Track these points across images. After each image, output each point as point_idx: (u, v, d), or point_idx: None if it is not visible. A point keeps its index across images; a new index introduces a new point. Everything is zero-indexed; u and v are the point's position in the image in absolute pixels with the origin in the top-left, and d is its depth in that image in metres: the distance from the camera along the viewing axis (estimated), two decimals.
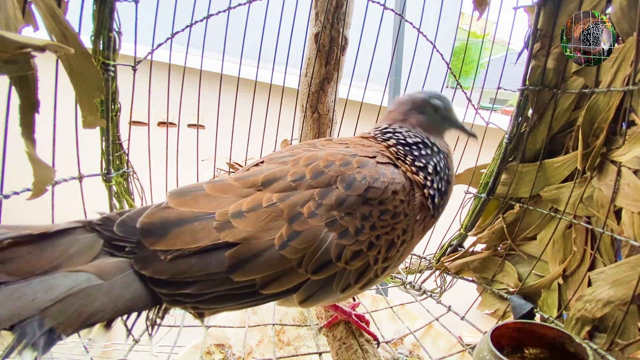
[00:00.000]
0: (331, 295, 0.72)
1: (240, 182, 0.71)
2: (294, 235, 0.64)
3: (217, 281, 0.60)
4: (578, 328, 0.98)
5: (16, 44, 0.59)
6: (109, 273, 0.56)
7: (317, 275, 0.67)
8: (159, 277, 0.58)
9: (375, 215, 0.72)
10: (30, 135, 0.78)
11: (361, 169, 0.74)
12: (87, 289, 0.53)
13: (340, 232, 0.68)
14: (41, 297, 0.50)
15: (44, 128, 0.85)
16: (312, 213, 0.67)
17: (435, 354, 1.30)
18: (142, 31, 1.21)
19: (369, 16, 1.37)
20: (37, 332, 0.48)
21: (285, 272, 0.64)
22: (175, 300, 0.59)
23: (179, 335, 1.18)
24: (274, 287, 0.64)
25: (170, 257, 0.59)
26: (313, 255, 0.66)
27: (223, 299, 0.62)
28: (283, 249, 0.63)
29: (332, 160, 0.74)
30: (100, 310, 0.53)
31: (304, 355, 1.34)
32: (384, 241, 0.74)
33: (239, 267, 0.61)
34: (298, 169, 0.72)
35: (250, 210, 0.65)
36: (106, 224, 0.60)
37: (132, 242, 0.59)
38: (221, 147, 1.50)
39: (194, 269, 0.59)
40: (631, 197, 0.91)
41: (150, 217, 0.62)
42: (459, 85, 1.46)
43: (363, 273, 0.73)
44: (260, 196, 0.67)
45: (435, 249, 1.53)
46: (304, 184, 0.70)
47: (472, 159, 1.41)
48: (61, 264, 0.54)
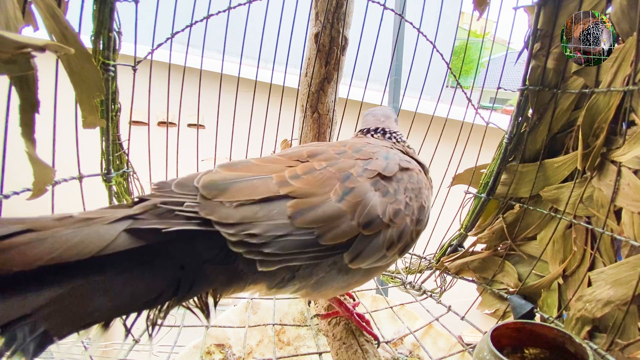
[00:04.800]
0: (377, 253, 0.76)
1: (286, 156, 0.78)
2: (347, 191, 0.71)
3: (280, 225, 0.64)
4: (578, 328, 0.98)
5: (16, 44, 0.59)
6: (111, 269, 0.52)
7: (367, 230, 0.72)
8: (226, 221, 0.60)
9: (407, 179, 0.84)
10: (30, 135, 0.78)
11: (390, 150, 0.89)
12: (84, 285, 0.49)
13: (383, 192, 0.77)
14: (33, 296, 0.45)
15: (44, 128, 0.85)
16: (359, 174, 0.76)
17: (435, 354, 1.30)
18: (142, 31, 1.21)
19: (369, 16, 1.37)
20: (28, 337, 0.44)
21: (341, 223, 0.69)
22: (242, 242, 0.61)
23: (179, 335, 1.18)
24: (331, 238, 0.68)
25: (236, 204, 0.62)
26: (363, 209, 0.72)
27: (285, 244, 0.64)
28: (339, 202, 0.70)
29: (363, 146, 0.87)
30: (97, 309, 0.50)
31: (304, 355, 1.33)
32: (415, 203, 0.84)
33: (300, 214, 0.66)
34: (337, 148, 0.83)
35: (305, 173, 0.72)
36: (162, 186, 0.64)
37: (192, 195, 0.62)
38: (221, 147, 1.50)
39: (259, 214, 0.63)
40: (631, 197, 0.91)
41: (210, 177, 0.66)
42: (459, 85, 1.46)
43: (402, 233, 0.80)
44: (310, 163, 0.75)
45: (435, 249, 1.53)
46: (347, 155, 0.80)
47: (472, 159, 1.41)
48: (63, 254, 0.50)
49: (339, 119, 1.58)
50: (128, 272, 0.54)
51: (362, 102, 1.49)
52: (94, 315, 0.50)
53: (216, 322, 1.46)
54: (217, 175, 0.67)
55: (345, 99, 1.53)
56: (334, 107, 1.52)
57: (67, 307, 0.48)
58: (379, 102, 1.61)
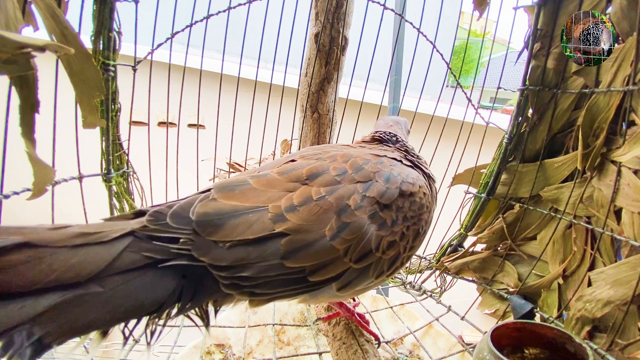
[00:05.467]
0: (366, 281, 0.76)
1: (285, 176, 0.74)
2: (343, 227, 0.69)
3: (272, 266, 0.63)
4: (578, 328, 0.98)
5: (16, 44, 0.59)
6: (111, 281, 0.53)
7: (358, 264, 0.72)
8: (219, 263, 0.60)
9: (407, 207, 0.80)
10: (30, 135, 0.78)
11: (394, 167, 0.83)
12: (83, 296, 0.50)
13: (379, 224, 0.74)
14: (31, 304, 0.46)
15: (44, 128, 0.85)
16: (357, 205, 0.72)
17: (435, 354, 1.30)
18: (142, 31, 1.21)
19: (369, 16, 1.37)
20: (25, 342, 0.44)
21: (333, 260, 0.68)
22: (233, 285, 0.61)
23: (179, 335, 1.18)
24: (321, 275, 0.68)
25: (229, 245, 0.61)
26: (357, 245, 0.70)
27: (275, 283, 0.64)
28: (333, 239, 0.68)
29: (367, 159, 0.82)
30: (96, 319, 0.50)
31: (304, 355, 1.34)
32: (412, 231, 0.81)
33: (293, 254, 0.64)
34: (338, 165, 0.78)
35: (301, 204, 0.69)
36: (157, 218, 0.61)
37: (187, 232, 0.61)
38: (221, 147, 1.50)
39: (251, 256, 0.62)
40: (631, 197, 0.91)
41: (204, 209, 0.64)
42: (459, 85, 1.46)
43: (394, 261, 0.79)
44: (308, 190, 0.71)
45: (435, 249, 1.53)
46: (347, 178, 0.75)
47: (472, 159, 1.41)
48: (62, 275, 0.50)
49: (339, 119, 1.58)
50: (128, 284, 0.54)
51: (362, 102, 1.49)
52: (92, 324, 0.50)
53: (216, 322, 1.45)
54: (212, 206, 0.65)
55: (345, 99, 1.53)
56: (334, 107, 1.52)
57: (66, 315, 0.48)
58: (379, 102, 1.61)
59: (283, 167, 0.78)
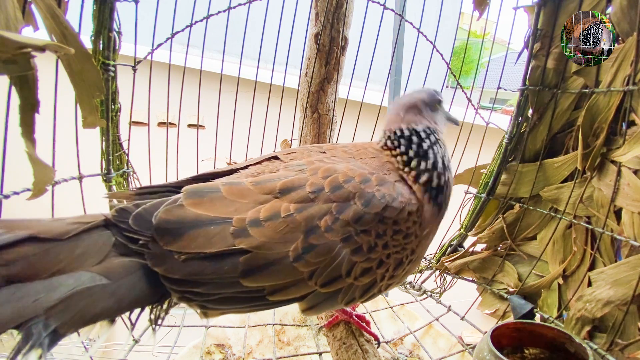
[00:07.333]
0: (335, 306, 0.73)
1: (258, 187, 0.69)
2: (308, 249, 0.64)
3: (227, 284, 0.61)
4: (578, 328, 0.98)
5: (16, 44, 0.59)
6: (116, 273, 0.56)
7: (325, 289, 0.68)
8: (171, 275, 0.58)
9: (389, 235, 0.72)
10: (30, 135, 0.78)
11: (380, 187, 0.72)
12: (92, 288, 0.53)
13: (353, 249, 0.68)
14: (44, 297, 0.50)
15: (44, 128, 0.85)
16: (328, 227, 0.66)
17: (435, 354, 1.30)
18: (142, 31, 1.21)
19: (369, 16, 1.37)
20: (43, 333, 0.48)
21: (295, 282, 0.65)
22: (184, 297, 0.60)
23: (179, 335, 1.18)
24: (281, 295, 0.65)
25: (184, 257, 0.59)
26: (325, 269, 0.66)
27: (230, 300, 0.63)
28: (297, 261, 0.64)
29: (351, 176, 0.72)
30: (104, 309, 0.54)
31: (304, 355, 1.34)
32: (393, 260, 0.74)
33: (252, 273, 0.62)
34: (316, 180, 0.70)
35: (267, 219, 0.64)
36: (122, 215, 0.61)
37: (146, 237, 0.60)
38: (221, 147, 1.50)
39: (206, 271, 0.60)
40: (631, 197, 0.91)
41: (166, 215, 0.61)
42: (459, 85, 1.46)
43: (369, 289, 0.74)
44: (278, 205, 0.66)
45: (435, 249, 1.53)
46: (322, 196, 0.68)
47: (472, 159, 1.41)
48: (68, 266, 0.54)
49: (339, 119, 1.58)
50: (133, 274, 0.58)
51: (362, 102, 1.49)
52: (101, 313, 0.54)
53: (216, 322, 1.45)
54: (175, 213, 0.62)
55: (345, 99, 1.53)
56: (334, 107, 1.52)
57: (76, 306, 0.52)
58: (378, 102, 1.60)
59: (259, 177, 0.73)
